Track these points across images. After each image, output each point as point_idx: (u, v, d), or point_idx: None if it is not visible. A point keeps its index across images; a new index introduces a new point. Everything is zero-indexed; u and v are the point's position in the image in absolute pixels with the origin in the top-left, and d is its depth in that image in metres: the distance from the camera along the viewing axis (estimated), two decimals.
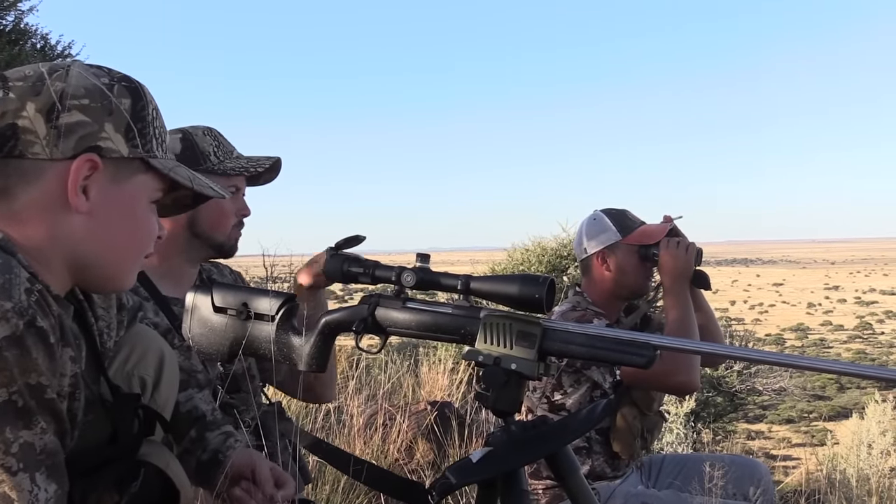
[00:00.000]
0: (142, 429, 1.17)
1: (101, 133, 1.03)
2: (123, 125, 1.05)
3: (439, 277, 1.37)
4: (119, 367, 1.25)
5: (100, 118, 1.03)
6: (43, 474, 0.90)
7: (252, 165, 1.78)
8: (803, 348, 46.26)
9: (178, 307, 1.69)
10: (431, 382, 4.09)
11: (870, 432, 4.94)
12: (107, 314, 1.24)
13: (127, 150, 1.06)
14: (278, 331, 1.44)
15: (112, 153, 1.04)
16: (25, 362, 0.89)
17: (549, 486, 2.35)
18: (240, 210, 1.81)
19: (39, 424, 0.90)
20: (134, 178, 1.08)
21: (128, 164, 1.07)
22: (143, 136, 1.08)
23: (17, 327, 0.89)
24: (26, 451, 0.88)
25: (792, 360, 1.26)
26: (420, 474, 3.01)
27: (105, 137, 1.04)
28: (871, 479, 3.94)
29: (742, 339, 9.76)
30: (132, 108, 1.07)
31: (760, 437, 14.00)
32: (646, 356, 1.24)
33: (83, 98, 1.03)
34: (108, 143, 1.04)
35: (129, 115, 1.06)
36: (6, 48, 4.99)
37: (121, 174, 1.06)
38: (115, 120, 1.05)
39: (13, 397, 0.88)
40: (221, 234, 1.78)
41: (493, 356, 1.29)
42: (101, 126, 1.03)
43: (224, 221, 1.77)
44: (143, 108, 1.08)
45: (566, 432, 1.34)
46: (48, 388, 0.92)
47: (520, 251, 8.69)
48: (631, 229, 2.40)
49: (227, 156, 1.78)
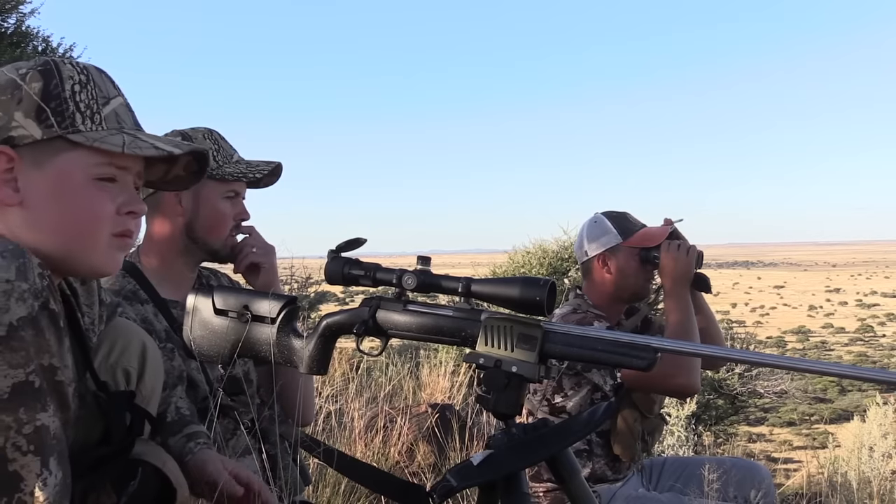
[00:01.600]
0: (133, 427, 1.17)
1: (11, 123, 1.03)
2: (34, 108, 1.04)
3: (440, 280, 1.37)
4: (102, 360, 1.25)
5: (9, 109, 1.03)
6: (55, 459, 0.90)
7: (251, 171, 1.77)
8: (804, 351, 46.22)
9: (178, 310, 1.69)
10: (432, 385, 4.08)
11: (871, 435, 4.93)
12: (91, 310, 1.24)
13: (40, 133, 1.04)
14: (279, 333, 1.44)
15: (25, 139, 1.03)
16: (40, 343, 0.90)
17: (549, 489, 2.34)
18: (238, 214, 1.80)
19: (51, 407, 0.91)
20: (59, 157, 1.06)
21: (47, 146, 1.05)
22: (60, 114, 1.05)
23: (32, 308, 0.90)
24: (43, 433, 0.88)
25: (793, 362, 1.26)
26: (421, 477, 3.01)
27: (16, 126, 1.03)
28: (873, 482, 3.93)
29: (743, 342, 9.76)
30: (43, 89, 1.05)
31: (762, 439, 13.99)
32: (647, 359, 1.24)
33: None
34: (20, 131, 1.03)
35: (39, 98, 1.05)
36: (8, 50, 5.00)
37: (41, 157, 1.05)
38: (24, 107, 1.04)
39: (30, 377, 0.88)
40: (217, 240, 1.77)
41: (494, 359, 1.29)
42: (11, 116, 1.03)
43: (221, 226, 1.77)
44: (56, 87, 1.06)
45: (567, 435, 1.34)
46: (59, 371, 0.93)
47: (521, 253, 8.69)
48: (631, 232, 2.40)
49: (226, 160, 1.77)
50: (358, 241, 1.45)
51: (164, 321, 1.66)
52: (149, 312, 1.66)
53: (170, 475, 1.18)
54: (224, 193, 1.76)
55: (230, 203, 1.77)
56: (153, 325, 1.63)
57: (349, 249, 1.46)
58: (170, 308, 1.70)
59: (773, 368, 7.85)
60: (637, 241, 2.39)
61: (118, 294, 1.63)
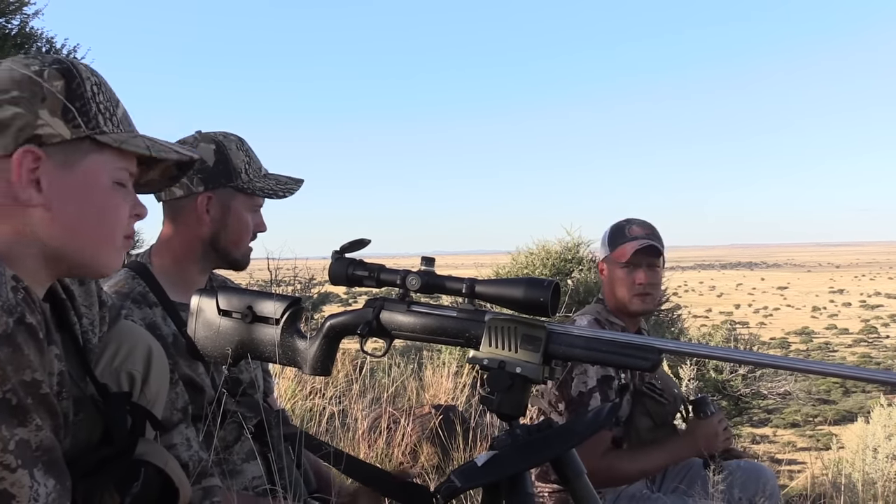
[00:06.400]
0: (134, 427, 1.17)
1: (37, 121, 1.00)
2: (60, 107, 1.02)
3: (444, 281, 1.37)
4: (107, 364, 1.24)
5: (32, 107, 1.01)
6: (41, 470, 0.89)
7: (280, 188, 1.77)
8: (808, 352, 46.14)
9: (186, 313, 1.69)
10: (436, 386, 4.08)
11: (875, 436, 4.92)
12: (90, 311, 1.23)
13: (69, 133, 1.02)
14: (283, 334, 1.44)
15: (53, 139, 1.01)
16: (18, 359, 0.89)
17: (555, 490, 2.34)
18: (258, 226, 1.81)
19: (35, 421, 0.90)
20: (87, 158, 1.05)
21: (76, 147, 1.04)
22: (85, 115, 1.04)
23: (7, 325, 0.88)
24: (23, 448, 0.88)
25: (797, 363, 1.26)
26: (425, 478, 3.00)
27: (42, 124, 1.01)
28: (877, 483, 3.92)
29: (747, 343, 9.74)
30: (66, 88, 1.03)
31: (765, 441, 13.96)
32: (651, 360, 1.24)
33: (12, 91, 1.01)
34: (47, 129, 1.01)
35: (63, 97, 1.03)
36: (12, 52, 5.01)
37: (71, 157, 1.03)
38: (49, 105, 1.02)
39: (7, 395, 0.87)
40: (239, 250, 1.77)
41: (498, 360, 1.29)
42: (36, 114, 1.00)
43: (245, 237, 1.77)
44: (78, 86, 1.05)
45: (571, 436, 1.34)
46: (42, 384, 0.92)
47: (524, 254, 8.69)
48: (616, 245, 2.45)
49: (256, 173, 1.77)
50: (362, 242, 1.44)
51: (173, 325, 1.66)
52: (157, 316, 1.65)
53: (172, 475, 1.17)
54: (251, 207, 1.77)
55: (252, 215, 1.78)
56: (161, 329, 1.63)
57: (353, 250, 1.45)
58: (179, 311, 1.70)
59: (776, 369, 7.83)
60: (616, 255, 2.44)
61: (127, 296, 1.62)
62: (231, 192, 1.72)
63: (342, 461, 1.65)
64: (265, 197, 1.77)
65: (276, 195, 1.77)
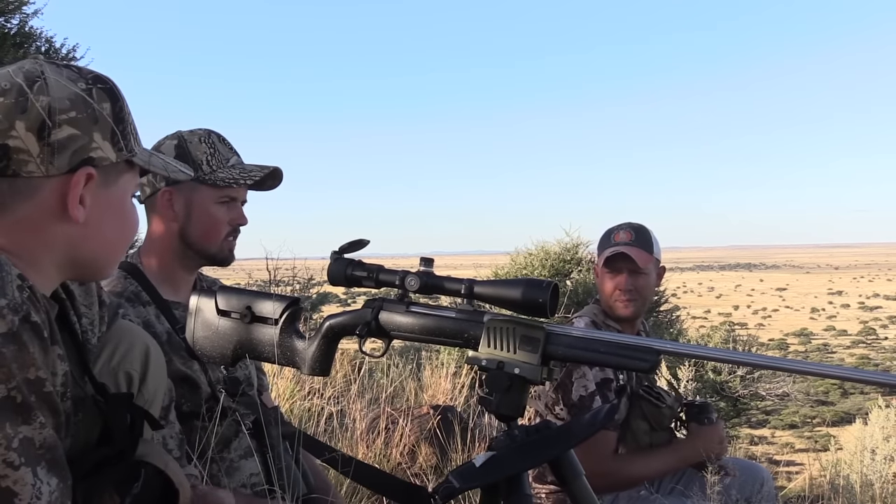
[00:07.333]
0: (134, 428, 1.17)
1: (91, 144, 1.05)
2: (109, 132, 1.07)
3: (443, 281, 1.37)
4: (104, 363, 1.26)
5: (88, 129, 1.05)
6: (44, 468, 0.90)
7: (244, 176, 1.74)
8: (807, 353, 46.17)
9: (179, 311, 1.69)
10: (434, 386, 4.08)
11: (873, 438, 4.91)
12: (89, 311, 1.25)
13: (115, 156, 1.08)
14: (282, 334, 1.44)
15: (104, 161, 1.06)
16: (23, 357, 0.90)
17: (552, 491, 2.34)
18: (234, 220, 1.77)
19: (38, 419, 0.91)
20: (121, 178, 1.11)
21: (115, 167, 1.09)
22: (125, 138, 1.10)
23: (12, 323, 0.89)
24: (26, 445, 0.88)
25: (795, 365, 1.26)
26: (423, 478, 3.00)
27: (96, 147, 1.05)
28: (875, 484, 3.92)
29: (745, 344, 9.75)
30: (112, 110, 1.08)
31: (763, 442, 13.97)
32: (649, 361, 1.24)
33: (70, 111, 1.03)
34: (100, 153, 1.06)
35: (112, 120, 1.08)
36: (11, 51, 5.01)
37: (110, 178, 1.09)
38: (101, 128, 1.06)
39: (12, 393, 0.88)
40: (213, 245, 1.75)
41: (497, 360, 1.29)
42: (91, 137, 1.05)
43: (215, 231, 1.75)
44: (121, 109, 1.10)
45: (569, 437, 1.34)
46: (46, 382, 0.93)
47: (523, 255, 8.69)
48: (601, 251, 2.50)
49: (221, 164, 1.74)
50: (361, 243, 1.44)
51: (167, 323, 1.66)
52: (151, 314, 1.66)
53: (172, 476, 1.18)
54: (218, 199, 1.74)
55: (225, 208, 1.75)
56: (155, 327, 1.63)
57: (352, 251, 1.45)
58: (171, 310, 1.70)
59: (775, 371, 7.84)
60: (600, 260, 2.48)
61: (121, 295, 1.63)
62: (193, 185, 1.72)
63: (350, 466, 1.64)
64: (226, 185, 1.74)
65: (237, 183, 1.74)
